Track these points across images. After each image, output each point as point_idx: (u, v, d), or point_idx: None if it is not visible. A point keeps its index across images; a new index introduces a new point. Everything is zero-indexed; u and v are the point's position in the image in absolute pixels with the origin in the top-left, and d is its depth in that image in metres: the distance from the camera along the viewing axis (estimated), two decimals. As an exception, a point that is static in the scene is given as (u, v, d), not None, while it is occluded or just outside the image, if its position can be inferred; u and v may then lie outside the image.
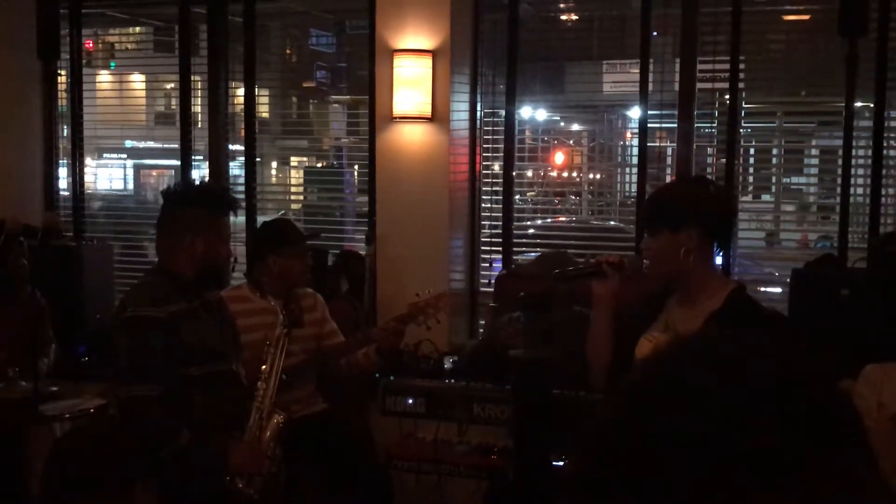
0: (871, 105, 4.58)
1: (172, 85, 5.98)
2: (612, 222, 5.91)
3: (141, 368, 2.97)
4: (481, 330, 5.00)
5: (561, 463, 3.94)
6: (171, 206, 3.18)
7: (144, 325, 2.98)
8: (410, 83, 4.80)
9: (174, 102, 6.11)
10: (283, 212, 5.95)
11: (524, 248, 5.33)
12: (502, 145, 5.17)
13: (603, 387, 2.82)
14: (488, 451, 4.30)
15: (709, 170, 5.09)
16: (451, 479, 4.33)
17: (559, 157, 6.26)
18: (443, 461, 4.30)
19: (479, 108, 5.14)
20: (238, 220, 3.52)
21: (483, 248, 5.25)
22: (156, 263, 3.19)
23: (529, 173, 5.54)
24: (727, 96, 4.82)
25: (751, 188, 5.67)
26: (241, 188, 5.59)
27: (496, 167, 5.23)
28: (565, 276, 2.95)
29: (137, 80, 7.75)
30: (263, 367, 3.25)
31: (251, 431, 3.13)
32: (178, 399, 2.99)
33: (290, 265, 3.93)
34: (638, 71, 4.91)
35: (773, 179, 5.66)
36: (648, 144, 4.94)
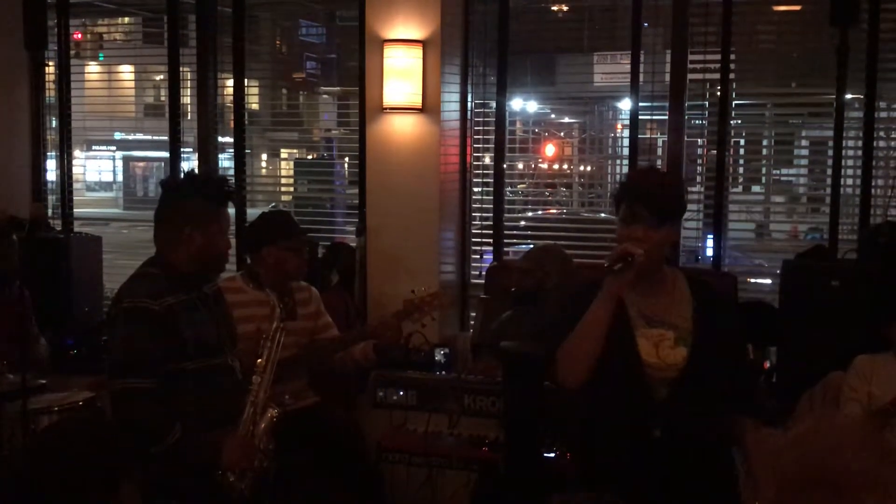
0: (862, 96, 4.59)
1: (161, 76, 5.94)
2: (602, 214, 5.90)
3: (136, 360, 2.93)
4: (472, 322, 4.99)
5: (552, 455, 3.94)
6: (170, 198, 3.15)
7: (141, 316, 2.95)
8: (401, 74, 4.78)
9: (163, 94, 6.08)
10: (273, 204, 5.92)
11: (515, 240, 5.32)
12: (493, 137, 5.15)
13: (580, 384, 2.64)
14: (479, 443, 4.30)
15: (699, 161, 5.10)
16: (442, 471, 4.32)
17: (550, 149, 6.24)
18: (434, 453, 4.29)
19: (469, 99, 5.13)
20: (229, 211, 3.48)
21: (474, 239, 5.24)
22: (153, 255, 3.15)
23: (520, 165, 5.53)
24: (718, 87, 4.82)
25: (741, 179, 5.68)
26: (231, 180, 5.56)
27: (487, 159, 5.22)
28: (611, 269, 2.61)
29: (126, 72, 7.71)
30: (259, 360, 3.22)
31: (245, 425, 3.10)
32: (173, 393, 2.96)
33: (286, 257, 3.91)
34: (629, 62, 4.90)
35: (764, 171, 5.66)
36: (639, 136, 4.94)
